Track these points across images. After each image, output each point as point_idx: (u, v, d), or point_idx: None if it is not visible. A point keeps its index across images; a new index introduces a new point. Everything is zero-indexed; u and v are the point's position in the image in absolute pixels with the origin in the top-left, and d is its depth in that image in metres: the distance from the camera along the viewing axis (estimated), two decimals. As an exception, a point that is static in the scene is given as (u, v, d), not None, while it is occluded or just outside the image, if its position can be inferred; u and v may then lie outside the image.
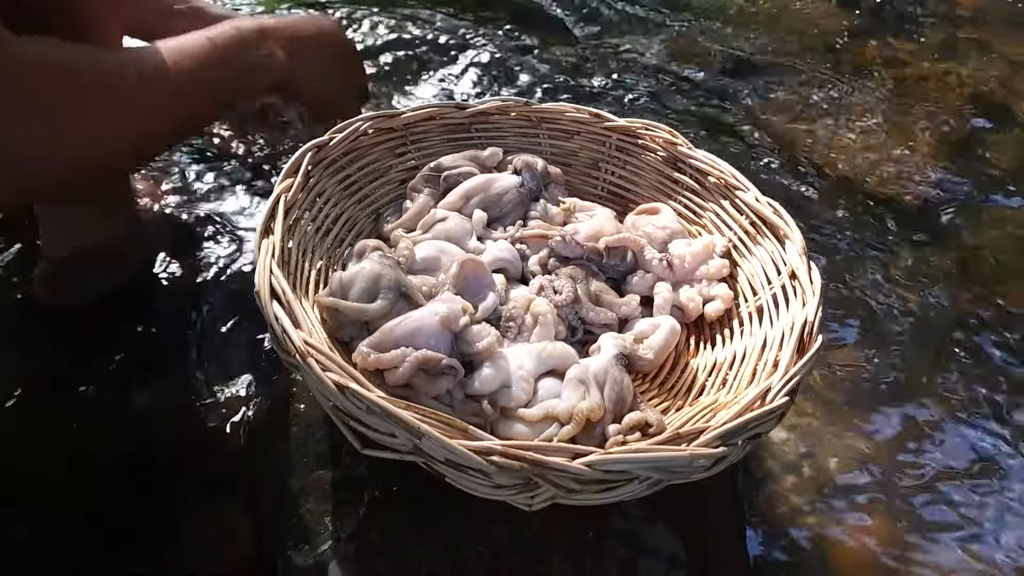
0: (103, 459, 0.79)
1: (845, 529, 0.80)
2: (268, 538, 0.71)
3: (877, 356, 0.96)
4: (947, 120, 1.37)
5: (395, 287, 0.68)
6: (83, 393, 0.85)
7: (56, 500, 0.76)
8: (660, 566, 0.63)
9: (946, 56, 1.54)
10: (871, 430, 0.89)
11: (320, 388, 0.60)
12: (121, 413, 0.84)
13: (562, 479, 0.56)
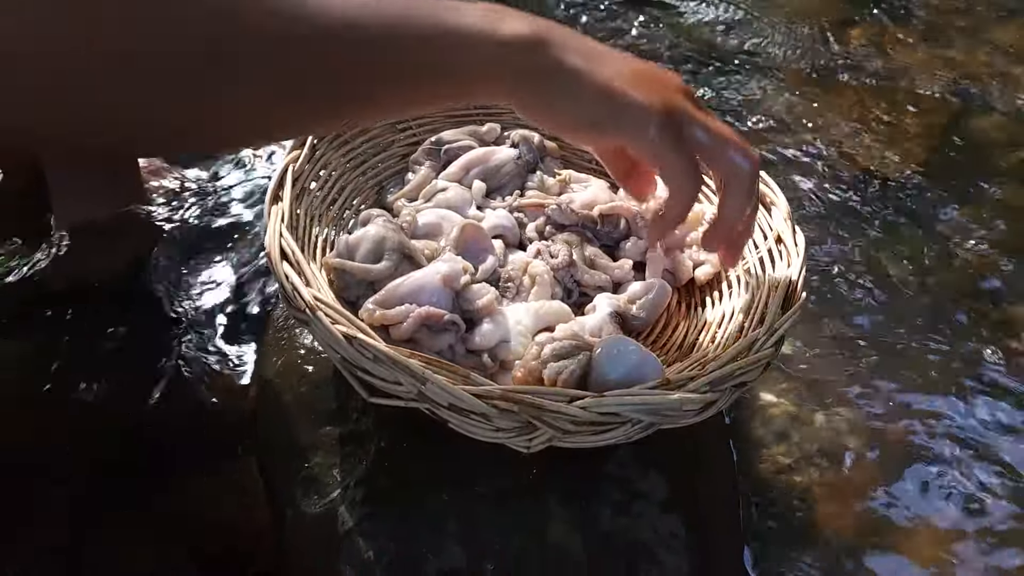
0: (111, 423, 0.83)
1: (832, 487, 0.83)
2: (277, 491, 0.74)
3: (863, 330, 1.00)
4: (933, 102, 1.41)
5: (399, 249, 0.71)
6: (90, 362, 0.88)
7: (62, 464, 0.79)
8: (652, 508, 0.66)
9: (934, 42, 1.57)
10: (858, 399, 0.92)
11: (329, 340, 0.63)
12: (129, 380, 0.87)
13: (558, 420, 0.59)
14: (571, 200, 0.81)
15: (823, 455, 0.86)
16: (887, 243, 1.13)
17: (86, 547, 0.73)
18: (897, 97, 1.42)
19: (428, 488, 0.66)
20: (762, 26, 1.58)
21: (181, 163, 1.12)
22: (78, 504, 0.77)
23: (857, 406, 0.91)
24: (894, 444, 0.88)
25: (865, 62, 1.50)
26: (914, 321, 1.02)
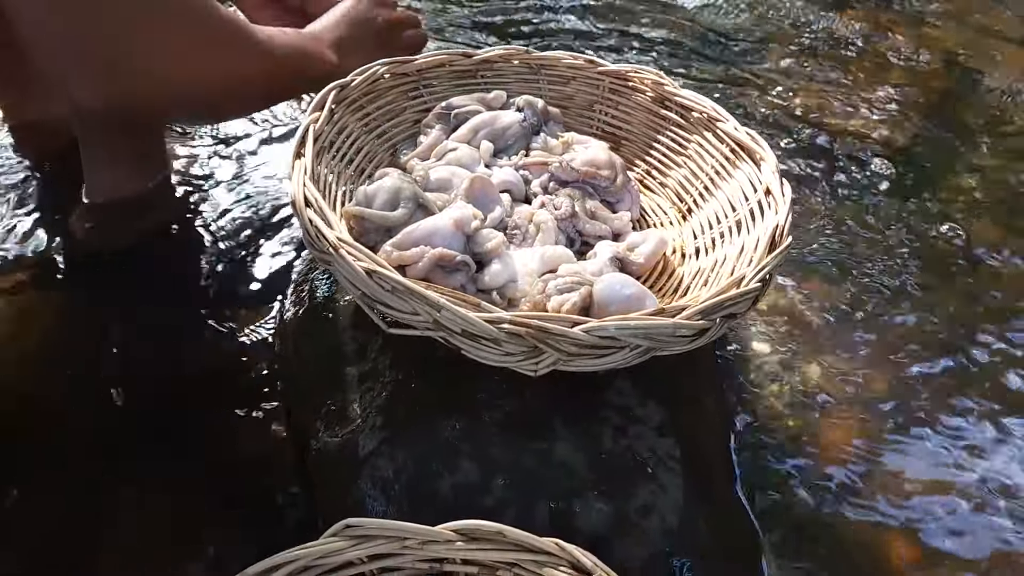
0: (143, 372, 0.89)
1: (821, 427, 0.89)
2: (302, 428, 0.80)
3: (854, 285, 1.06)
4: (922, 81, 1.47)
5: (414, 198, 0.77)
6: (116, 323, 0.94)
7: (99, 413, 0.85)
8: (650, 432, 0.71)
9: (923, 24, 1.63)
10: (846, 349, 0.98)
11: (351, 277, 0.68)
12: (160, 333, 0.93)
13: (562, 343, 0.64)
14: (573, 158, 0.86)
15: (809, 396, 0.91)
16: (877, 209, 1.19)
17: (119, 484, 0.79)
18: (887, 74, 1.47)
19: (442, 416, 0.71)
20: (760, 9, 1.65)
21: (202, 137, 1.18)
22: (112, 444, 0.82)
23: (847, 356, 0.97)
24: (877, 387, 0.94)
25: (857, 42, 1.56)
26: (899, 281, 1.07)
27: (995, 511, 0.83)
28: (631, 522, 0.66)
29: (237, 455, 0.82)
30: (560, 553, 0.61)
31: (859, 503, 0.82)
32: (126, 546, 0.75)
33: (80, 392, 0.86)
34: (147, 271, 1.00)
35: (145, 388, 0.87)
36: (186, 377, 0.88)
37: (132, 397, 0.86)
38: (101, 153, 1.02)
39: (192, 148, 1.17)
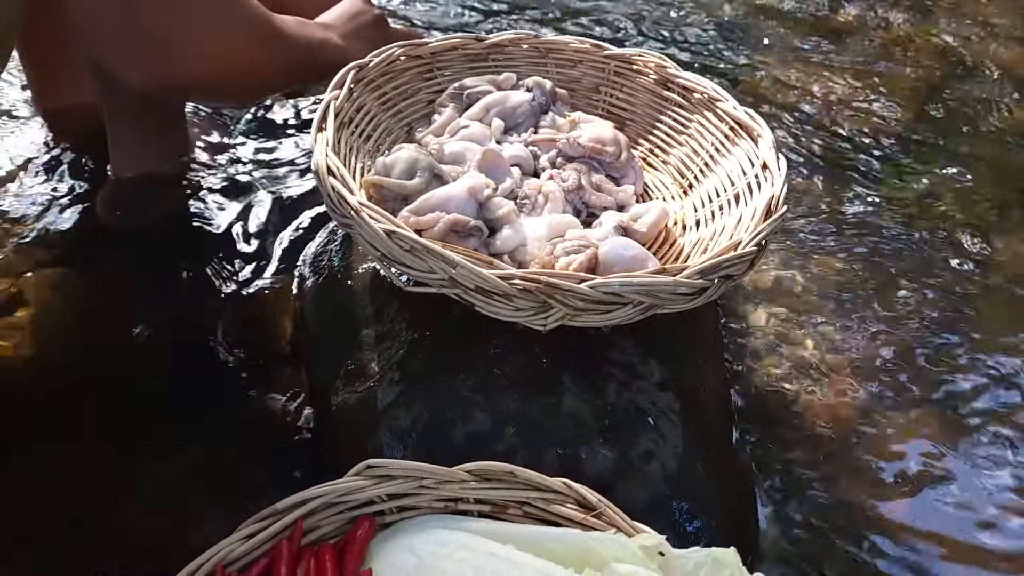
0: (168, 338, 0.93)
1: (817, 392, 0.93)
2: (322, 388, 0.84)
3: (853, 266, 1.11)
4: (921, 73, 1.51)
5: (429, 168, 0.81)
6: (145, 293, 0.98)
7: (124, 378, 0.89)
8: (651, 387, 0.75)
9: (922, 20, 1.67)
10: (844, 324, 1.02)
11: (371, 238, 0.73)
12: (184, 301, 0.98)
13: (569, 298, 0.69)
14: (579, 135, 0.91)
15: (807, 365, 0.96)
16: (873, 190, 1.24)
17: (141, 445, 0.83)
18: (886, 62, 1.52)
19: (456, 371, 0.76)
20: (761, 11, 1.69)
21: (221, 120, 1.23)
22: (141, 405, 0.87)
23: (843, 328, 1.01)
24: (872, 359, 0.98)
25: (857, 33, 1.60)
26: (896, 262, 1.12)
27: (986, 469, 0.87)
28: (634, 467, 0.71)
29: (261, 413, 0.86)
30: (567, 491, 0.65)
31: (851, 459, 0.86)
32: (158, 495, 0.79)
33: (108, 358, 0.91)
34: (170, 245, 1.05)
35: (171, 353, 0.92)
36: (209, 343, 0.93)
37: (158, 362, 0.91)
38: (128, 132, 1.07)
39: (213, 131, 1.22)
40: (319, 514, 0.65)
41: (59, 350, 0.92)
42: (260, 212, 1.08)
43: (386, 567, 0.61)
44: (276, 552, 0.62)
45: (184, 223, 1.07)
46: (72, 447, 0.82)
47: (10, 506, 0.76)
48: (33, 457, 0.81)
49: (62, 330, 0.94)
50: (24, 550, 0.74)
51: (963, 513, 0.83)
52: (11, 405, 0.84)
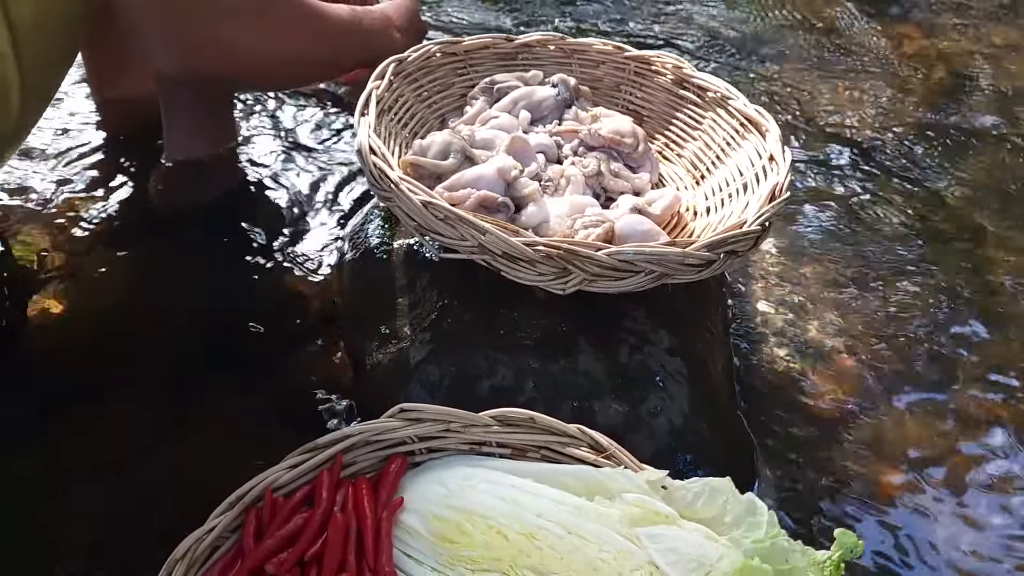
0: (213, 311, 1.01)
1: (818, 371, 0.99)
2: (358, 351, 0.92)
3: (858, 261, 1.17)
4: (929, 86, 1.57)
5: (462, 151, 0.89)
6: (194, 268, 1.06)
7: (175, 343, 0.97)
8: (660, 352, 0.82)
9: (932, 36, 1.74)
10: (847, 313, 1.08)
11: (409, 209, 0.80)
12: (231, 276, 1.06)
13: (587, 264, 0.76)
14: (600, 127, 0.98)
15: (810, 348, 1.02)
16: (879, 190, 1.30)
17: (188, 408, 0.91)
18: (894, 75, 1.59)
19: (482, 333, 0.83)
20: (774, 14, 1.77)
21: (268, 110, 1.32)
22: (182, 373, 0.94)
23: (847, 315, 1.07)
24: (873, 344, 1.04)
25: (867, 46, 1.67)
26: (900, 258, 1.18)
27: (980, 451, 0.92)
28: (643, 421, 0.77)
29: (302, 373, 0.94)
30: (581, 436, 0.72)
31: (849, 434, 0.92)
32: (206, 444, 0.87)
33: (160, 325, 0.99)
34: (219, 224, 1.13)
35: (219, 320, 1.00)
36: (255, 311, 1.01)
37: (208, 327, 0.99)
38: (182, 119, 1.15)
39: (257, 121, 1.31)
40: (356, 451, 0.72)
41: (110, 320, 1.00)
42: (303, 194, 1.16)
43: (417, 497, 0.68)
44: (318, 480, 0.69)
45: (232, 204, 1.16)
46: (129, 401, 0.90)
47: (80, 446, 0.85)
48: (101, 405, 0.89)
49: (118, 300, 1.02)
50: (94, 484, 0.82)
51: (954, 489, 0.88)
52: (81, 364, 0.93)
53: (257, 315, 1.00)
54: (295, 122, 1.31)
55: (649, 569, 0.57)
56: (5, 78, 0.82)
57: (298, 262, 1.07)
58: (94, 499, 0.81)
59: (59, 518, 0.79)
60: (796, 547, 0.55)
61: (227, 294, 1.03)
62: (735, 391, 0.92)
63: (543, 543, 0.61)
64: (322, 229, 1.11)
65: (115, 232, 1.11)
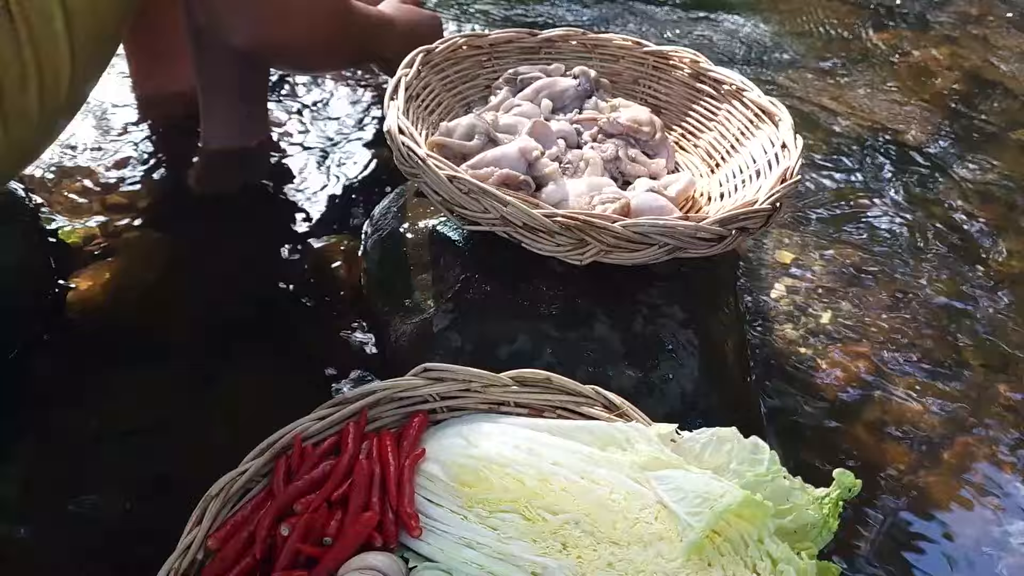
0: (247, 286, 1.06)
1: (828, 352, 1.02)
2: (384, 323, 0.96)
3: (871, 253, 1.20)
4: (944, 90, 1.60)
5: (486, 133, 0.93)
6: (229, 248, 1.11)
7: (211, 314, 1.02)
8: (673, 324, 0.85)
9: (949, 45, 1.77)
10: (859, 301, 1.11)
11: (435, 184, 0.85)
12: (264, 255, 1.11)
13: (603, 235, 0.79)
14: (619, 116, 1.02)
15: (821, 332, 1.05)
16: (894, 191, 1.33)
17: (221, 373, 0.95)
18: (913, 82, 1.62)
19: (502, 304, 0.87)
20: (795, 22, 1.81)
21: (298, 101, 1.38)
22: (215, 342, 0.99)
23: (857, 304, 1.10)
24: (882, 330, 1.07)
25: (889, 55, 1.71)
26: (911, 251, 1.21)
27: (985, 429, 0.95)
28: (654, 385, 0.81)
29: (330, 342, 0.98)
30: (595, 396, 0.75)
31: (858, 411, 0.95)
32: (238, 407, 0.91)
33: (196, 297, 1.04)
34: (253, 207, 1.18)
35: (252, 294, 1.04)
36: (287, 286, 1.05)
37: (241, 300, 1.04)
38: (219, 108, 1.21)
39: (287, 114, 1.36)
40: (381, 407, 0.76)
41: (153, 291, 1.05)
42: (331, 180, 1.22)
43: (438, 448, 0.71)
44: (344, 431, 0.73)
45: (265, 188, 1.21)
46: (165, 366, 0.95)
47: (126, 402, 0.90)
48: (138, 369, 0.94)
49: (155, 275, 1.07)
50: (129, 443, 0.86)
51: (959, 466, 0.91)
52: (120, 333, 0.98)
53: (287, 290, 1.05)
54: (324, 115, 1.36)
55: (657, 508, 0.60)
56: (58, 57, 0.87)
57: (327, 241, 1.12)
58: (128, 456, 0.85)
59: (95, 473, 0.84)
60: (796, 484, 0.58)
61: (259, 271, 1.08)
62: (748, 367, 0.95)
63: (557, 486, 0.64)
64: (349, 211, 1.16)
65: (154, 214, 1.16)
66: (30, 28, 0.83)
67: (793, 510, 0.57)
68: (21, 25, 0.83)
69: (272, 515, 0.66)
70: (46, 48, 0.86)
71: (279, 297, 1.03)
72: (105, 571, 0.77)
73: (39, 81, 0.87)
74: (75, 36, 0.88)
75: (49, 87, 0.88)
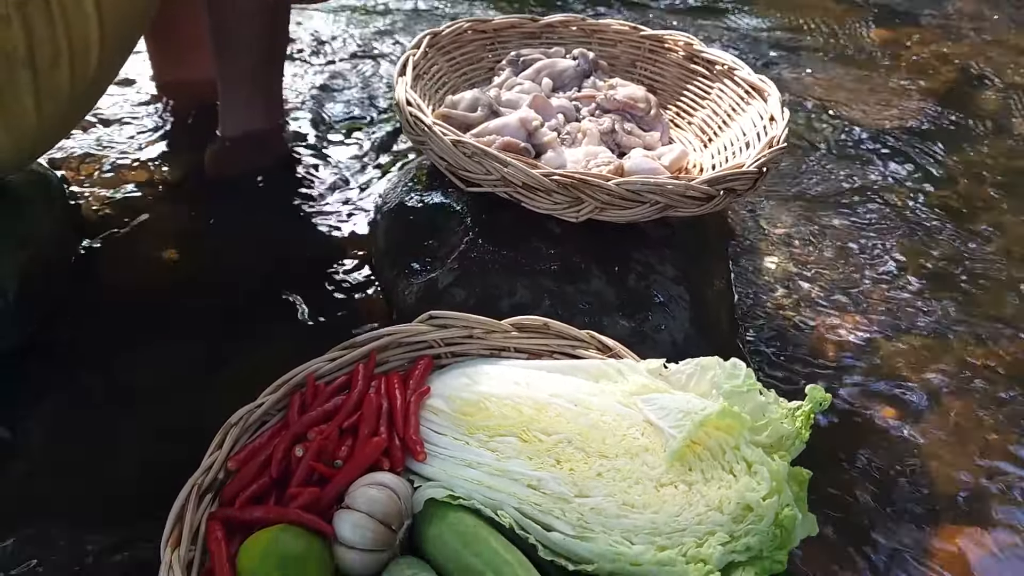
0: (268, 255, 1.11)
1: (818, 316, 1.07)
2: (391, 284, 1.01)
3: (864, 229, 1.25)
4: (939, 82, 1.65)
5: (489, 105, 0.99)
6: (247, 225, 1.17)
7: (228, 283, 1.07)
8: (665, 280, 0.90)
9: (944, 39, 1.82)
10: (851, 272, 1.16)
11: (440, 148, 0.90)
12: (276, 228, 1.16)
13: (597, 193, 0.85)
14: (615, 92, 1.08)
15: (811, 298, 1.09)
16: (888, 172, 1.37)
17: (239, 335, 1.00)
18: (906, 74, 1.67)
19: (503, 261, 0.92)
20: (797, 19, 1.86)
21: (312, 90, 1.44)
22: (234, 307, 1.04)
23: (847, 277, 1.15)
24: (873, 298, 1.11)
25: (883, 48, 1.76)
26: (902, 227, 1.25)
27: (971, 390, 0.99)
28: (646, 335, 0.86)
29: (341, 305, 1.03)
30: (590, 340, 0.80)
31: (847, 374, 0.99)
32: (255, 364, 0.96)
33: (214, 268, 1.09)
34: (268, 188, 1.24)
35: (269, 264, 1.10)
36: (299, 257, 1.11)
37: (259, 269, 1.09)
38: (237, 96, 1.27)
39: (301, 101, 1.43)
40: (389, 351, 0.81)
41: (175, 261, 1.11)
42: (343, 166, 1.27)
43: (442, 386, 0.76)
44: (354, 371, 0.78)
45: (280, 170, 1.27)
46: (185, 329, 1.00)
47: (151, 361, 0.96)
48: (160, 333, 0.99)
49: (177, 247, 1.13)
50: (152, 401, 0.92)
51: (943, 422, 0.95)
52: (142, 300, 1.04)
53: (302, 262, 1.11)
54: (335, 100, 1.43)
55: (644, 425, 0.65)
56: (88, 37, 0.94)
57: (341, 215, 1.17)
58: (152, 414, 0.90)
59: (123, 429, 0.89)
60: (771, 398, 0.63)
61: (276, 244, 1.14)
62: (736, 324, 0.99)
63: (552, 413, 0.69)
64: (359, 190, 1.22)
65: (175, 193, 1.22)
66: (63, 8, 0.90)
67: (769, 424, 0.61)
68: (55, 5, 0.89)
69: (288, 441, 0.71)
70: (77, 28, 0.92)
71: (294, 268, 1.09)
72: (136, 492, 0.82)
73: (70, 60, 0.93)
74: (105, 17, 0.94)
75: (79, 66, 0.95)
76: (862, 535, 0.82)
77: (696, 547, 0.56)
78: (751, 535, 0.55)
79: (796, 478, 0.60)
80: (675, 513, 0.58)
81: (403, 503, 0.65)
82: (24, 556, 0.77)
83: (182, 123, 1.37)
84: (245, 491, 0.68)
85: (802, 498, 0.60)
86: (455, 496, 0.64)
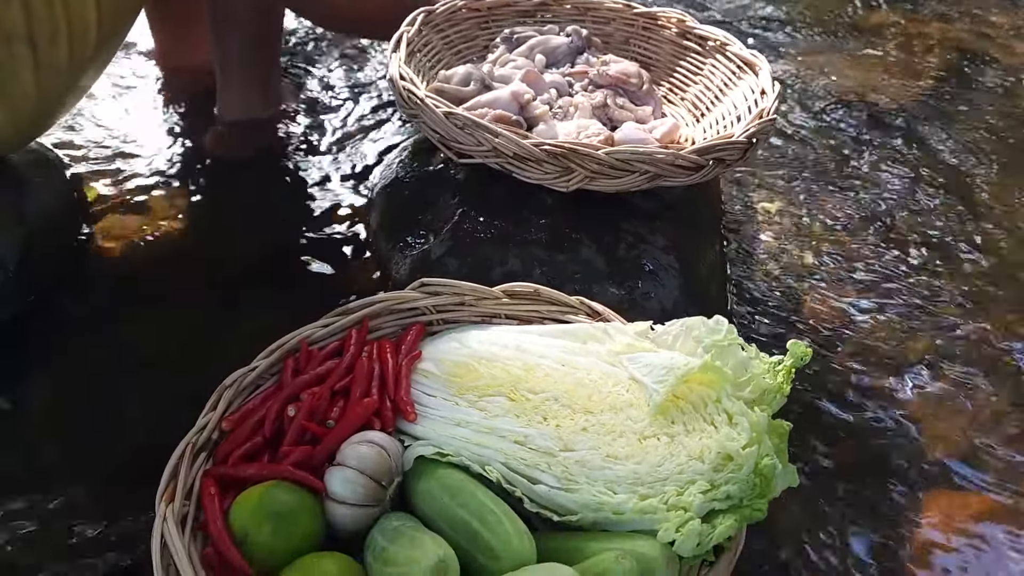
0: (267, 235, 1.13)
1: (807, 288, 1.08)
2: (385, 257, 1.02)
3: (856, 207, 1.25)
4: (935, 59, 1.66)
5: (482, 80, 1.00)
6: (246, 206, 1.18)
7: (228, 261, 1.08)
8: (655, 249, 0.91)
9: (940, 21, 1.82)
10: (841, 249, 1.16)
11: (432, 121, 0.91)
12: (276, 207, 1.18)
13: (587, 162, 0.86)
14: (608, 68, 1.08)
15: (802, 271, 1.10)
16: (881, 146, 1.38)
17: (240, 306, 1.02)
18: (901, 53, 1.67)
19: (496, 231, 0.93)
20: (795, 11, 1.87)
21: (309, 76, 1.46)
22: (233, 281, 1.05)
23: (837, 253, 1.15)
24: (861, 273, 1.12)
25: (880, 29, 1.76)
26: (894, 203, 1.26)
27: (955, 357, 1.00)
28: (636, 302, 0.87)
29: (338, 279, 1.05)
30: (580, 306, 0.81)
31: (838, 342, 1.00)
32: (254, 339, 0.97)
33: (216, 246, 1.11)
34: (266, 172, 1.25)
35: (268, 243, 1.11)
36: (298, 235, 1.12)
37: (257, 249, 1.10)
38: (235, 82, 1.28)
39: (298, 86, 1.44)
40: (381, 317, 0.82)
41: (175, 239, 1.12)
42: (339, 146, 1.29)
43: (434, 350, 0.77)
44: (347, 336, 0.79)
45: (278, 156, 1.28)
46: (189, 301, 1.02)
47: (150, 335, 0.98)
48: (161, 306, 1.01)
49: (177, 225, 1.14)
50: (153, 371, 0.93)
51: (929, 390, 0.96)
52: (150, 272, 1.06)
53: (299, 239, 1.12)
54: (332, 85, 1.44)
55: (628, 382, 0.66)
56: (86, 14, 0.95)
57: (335, 192, 1.19)
58: (152, 383, 0.92)
59: (123, 394, 0.91)
60: (752, 352, 0.64)
61: (274, 217, 1.16)
62: (727, 294, 1.00)
63: (540, 373, 0.70)
64: (356, 171, 1.23)
65: (173, 174, 1.23)
66: (61, -13, 0.91)
67: (752, 380, 0.62)
68: (53, -15, 0.91)
69: (281, 402, 0.72)
70: (75, 5, 0.93)
71: (291, 243, 1.10)
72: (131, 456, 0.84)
73: (68, 36, 0.94)
74: (103, 2, 0.95)
75: (77, 43, 0.96)
76: (840, 492, 0.83)
77: (677, 495, 0.57)
78: (731, 483, 0.56)
79: (776, 430, 0.61)
80: (657, 463, 0.59)
81: (393, 460, 0.67)
82: (23, 522, 0.79)
83: (183, 106, 1.38)
84: (238, 450, 0.69)
85: (783, 450, 0.61)
86: (443, 453, 0.65)
